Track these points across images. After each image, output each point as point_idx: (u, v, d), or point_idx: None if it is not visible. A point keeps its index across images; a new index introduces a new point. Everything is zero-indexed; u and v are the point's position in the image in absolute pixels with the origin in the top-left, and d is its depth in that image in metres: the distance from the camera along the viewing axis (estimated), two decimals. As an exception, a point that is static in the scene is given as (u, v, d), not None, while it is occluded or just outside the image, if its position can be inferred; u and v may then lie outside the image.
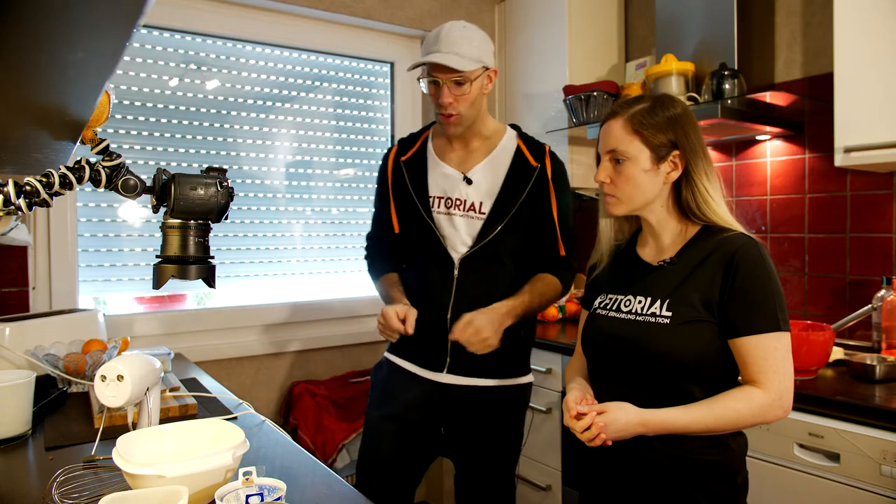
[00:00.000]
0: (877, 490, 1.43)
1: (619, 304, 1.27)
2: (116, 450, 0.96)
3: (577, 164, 2.73)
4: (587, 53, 2.75)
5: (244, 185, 2.59)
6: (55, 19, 0.55)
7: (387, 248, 1.79)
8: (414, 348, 1.69)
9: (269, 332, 2.61)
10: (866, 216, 2.09)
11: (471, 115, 1.61)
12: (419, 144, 1.74)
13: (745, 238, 1.18)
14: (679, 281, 1.20)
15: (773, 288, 1.14)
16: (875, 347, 1.92)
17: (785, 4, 2.31)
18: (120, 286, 2.35)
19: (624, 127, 1.22)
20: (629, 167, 1.21)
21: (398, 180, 1.72)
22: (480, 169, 1.66)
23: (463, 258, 1.63)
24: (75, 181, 1.07)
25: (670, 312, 1.17)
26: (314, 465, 1.19)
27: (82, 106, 0.89)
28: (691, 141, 1.21)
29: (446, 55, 1.54)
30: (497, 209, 1.62)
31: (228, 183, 1.21)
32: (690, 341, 1.15)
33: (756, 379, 1.13)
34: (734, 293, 1.14)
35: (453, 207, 1.64)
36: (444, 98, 1.57)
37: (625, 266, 1.33)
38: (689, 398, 1.16)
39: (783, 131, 2.25)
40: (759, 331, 1.13)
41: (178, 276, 1.17)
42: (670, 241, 1.26)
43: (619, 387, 1.23)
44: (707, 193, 1.21)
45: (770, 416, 1.13)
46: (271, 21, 2.61)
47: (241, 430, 1.05)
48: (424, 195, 1.66)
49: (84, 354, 1.61)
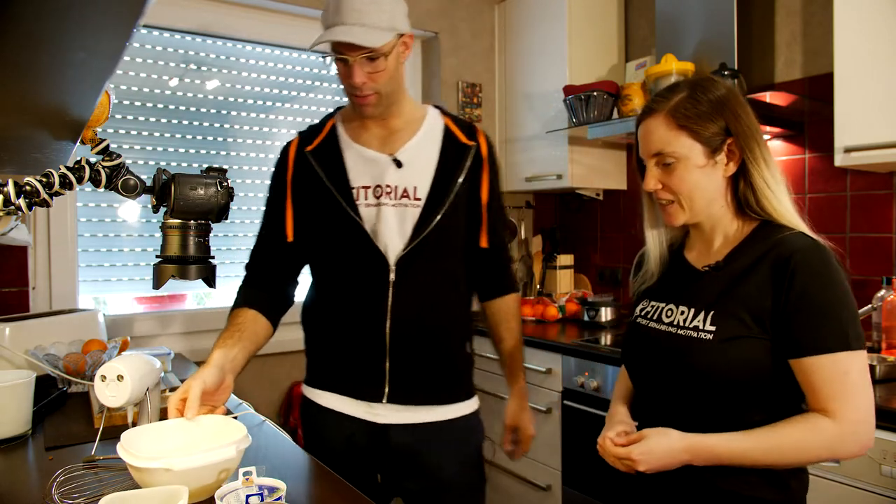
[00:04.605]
0: (877, 490, 1.43)
1: (660, 314, 1.13)
2: (121, 444, 0.96)
3: (578, 164, 2.73)
4: (587, 53, 2.75)
5: (244, 185, 2.59)
6: (56, 19, 0.55)
7: (271, 267, 1.45)
8: (343, 374, 1.39)
9: (269, 332, 2.61)
10: (866, 216, 2.09)
11: (391, 92, 1.35)
12: (326, 131, 1.44)
13: (805, 239, 1.01)
14: (726, 289, 1.04)
15: (839, 298, 0.96)
16: (875, 347, 1.92)
17: (785, 4, 2.31)
18: (120, 286, 2.35)
19: (666, 123, 1.06)
20: (682, 168, 1.05)
21: (304, 175, 1.40)
22: (409, 149, 1.38)
23: (400, 258, 1.33)
24: (75, 181, 1.08)
25: (714, 327, 1.01)
26: (314, 466, 1.19)
27: (82, 106, 0.89)
28: (744, 123, 1.05)
29: (351, 28, 1.26)
30: (435, 193, 1.35)
31: (228, 183, 1.21)
32: (737, 361, 0.99)
33: (825, 407, 0.95)
34: (791, 305, 0.96)
35: (383, 196, 1.35)
36: (355, 78, 1.29)
37: (669, 271, 1.18)
38: (749, 423, 0.99)
39: (783, 131, 2.25)
40: (824, 350, 0.95)
41: (178, 276, 1.17)
42: (722, 242, 1.10)
43: (664, 408, 1.08)
44: (765, 183, 1.05)
45: (843, 452, 0.96)
46: (271, 21, 2.61)
47: (242, 425, 1.06)
48: (345, 186, 1.36)
49: (84, 354, 1.61)
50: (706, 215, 1.09)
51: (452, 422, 1.40)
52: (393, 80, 1.34)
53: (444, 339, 1.39)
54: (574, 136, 2.69)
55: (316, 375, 1.44)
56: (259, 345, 1.37)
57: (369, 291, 1.35)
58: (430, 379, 1.37)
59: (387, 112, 1.38)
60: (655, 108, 1.08)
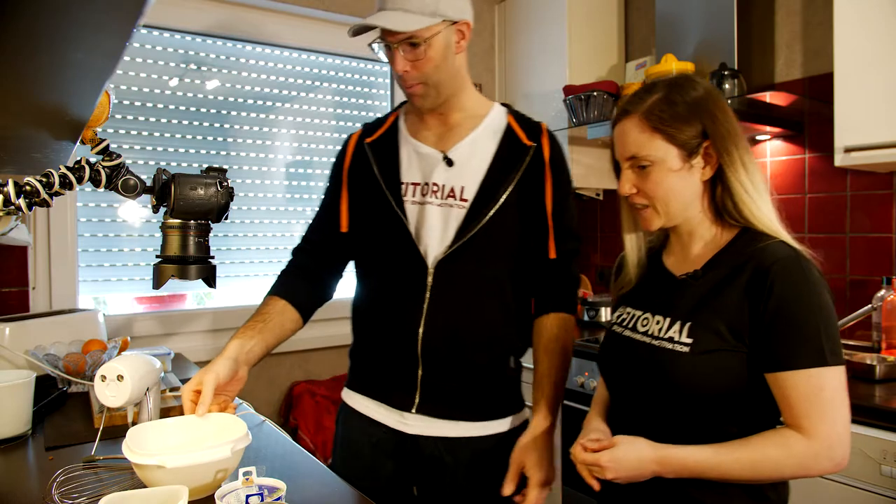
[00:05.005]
0: (877, 490, 1.43)
1: (635, 322, 1.09)
2: (126, 441, 0.97)
3: (578, 164, 2.73)
4: (587, 53, 2.75)
5: (244, 185, 2.59)
6: (56, 19, 0.55)
7: (320, 255, 1.41)
8: (377, 379, 1.34)
9: (269, 332, 2.61)
10: (866, 216, 2.09)
11: (441, 82, 1.27)
12: (388, 124, 1.39)
13: (786, 249, 0.97)
14: (703, 300, 1.01)
15: (817, 312, 0.93)
16: (875, 347, 1.92)
17: (785, 4, 2.31)
18: (120, 286, 2.35)
19: (640, 126, 1.02)
20: (656, 172, 1.02)
21: (360, 166, 1.37)
22: (463, 147, 1.31)
23: (440, 261, 1.26)
24: (75, 181, 1.08)
25: (691, 339, 0.98)
26: (314, 465, 1.19)
27: (82, 106, 0.89)
28: (721, 126, 1.01)
29: (389, 14, 1.20)
30: (483, 195, 1.27)
31: (228, 183, 1.21)
32: (713, 374, 0.96)
33: (799, 424, 0.93)
34: (768, 318, 0.94)
35: (429, 194, 1.29)
36: (397, 65, 1.24)
37: (647, 276, 1.15)
38: (724, 436, 0.96)
39: (783, 131, 2.25)
40: (799, 366, 0.92)
41: (178, 276, 1.17)
42: (701, 249, 1.07)
43: (638, 419, 1.05)
44: (743, 188, 1.01)
45: (816, 470, 0.93)
46: (271, 21, 2.61)
47: (244, 423, 1.06)
48: (395, 181, 1.31)
49: (84, 354, 1.61)
50: (683, 220, 1.06)
51: (488, 438, 1.29)
52: (441, 69, 1.25)
53: (482, 350, 1.29)
54: (574, 136, 2.69)
55: (353, 377, 1.40)
56: (283, 337, 1.33)
57: (406, 294, 1.28)
58: (464, 392, 1.28)
59: (444, 106, 1.31)
60: (630, 110, 1.04)
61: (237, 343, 1.22)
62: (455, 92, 1.31)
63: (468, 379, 1.28)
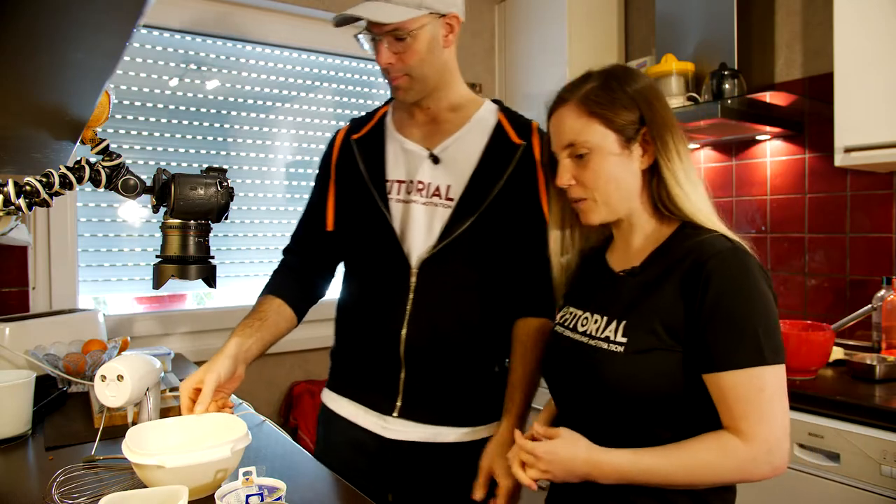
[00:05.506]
0: (877, 490, 1.43)
1: (576, 322, 1.05)
2: (126, 441, 0.97)
3: (577, 164, 2.73)
4: (587, 53, 2.75)
5: (244, 185, 2.59)
6: (56, 19, 0.55)
7: (307, 255, 1.40)
8: (358, 381, 1.32)
9: (269, 332, 2.61)
10: (866, 216, 2.09)
11: (426, 76, 1.23)
12: (376, 120, 1.36)
13: (724, 242, 0.94)
14: (639, 298, 0.97)
15: (756, 307, 0.89)
16: (875, 347, 1.92)
17: (785, 4, 2.31)
18: (120, 286, 2.35)
19: (577, 112, 1.00)
20: (596, 159, 0.98)
21: (346, 162, 1.34)
22: (450, 145, 1.28)
23: (424, 262, 1.23)
24: (75, 181, 1.08)
25: (625, 339, 0.94)
26: (314, 466, 1.19)
27: (82, 106, 0.89)
28: (658, 114, 0.99)
29: (374, 4, 1.16)
30: (469, 194, 1.24)
31: (228, 183, 1.21)
32: (649, 375, 0.92)
33: (737, 427, 0.88)
34: (705, 314, 0.89)
35: (414, 192, 1.26)
36: (381, 58, 1.20)
37: (589, 273, 1.11)
38: (660, 440, 0.93)
39: (783, 131, 2.25)
40: (737, 365, 0.88)
41: (178, 276, 1.17)
42: (642, 244, 1.03)
43: (576, 422, 1.00)
44: (675, 179, 0.97)
45: (755, 474, 0.89)
46: (271, 21, 2.61)
47: (244, 423, 1.06)
48: (380, 178, 1.28)
49: (84, 354, 1.61)
50: (625, 212, 1.02)
51: (472, 444, 1.26)
52: (427, 63, 1.22)
53: (466, 353, 1.26)
54: (574, 136, 2.69)
55: (334, 379, 1.39)
56: (279, 336, 1.32)
57: (389, 294, 1.25)
58: (447, 396, 1.25)
59: (429, 100, 1.28)
60: (566, 98, 1.02)
61: (236, 341, 1.23)
62: (441, 87, 1.27)
63: (452, 382, 1.26)
